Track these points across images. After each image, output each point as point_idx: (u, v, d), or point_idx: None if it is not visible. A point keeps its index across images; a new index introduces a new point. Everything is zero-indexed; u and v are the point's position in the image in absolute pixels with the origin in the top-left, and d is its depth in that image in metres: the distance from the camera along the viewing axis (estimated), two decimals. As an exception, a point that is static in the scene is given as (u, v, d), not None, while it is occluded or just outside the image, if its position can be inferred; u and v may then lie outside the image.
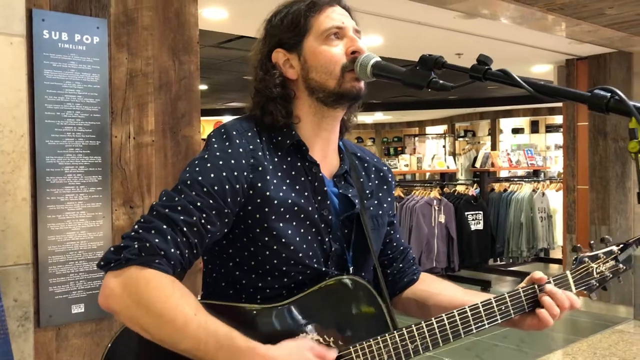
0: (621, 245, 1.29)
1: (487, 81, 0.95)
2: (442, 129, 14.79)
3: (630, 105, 0.75)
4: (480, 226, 6.47)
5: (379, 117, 15.15)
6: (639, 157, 0.74)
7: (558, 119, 11.46)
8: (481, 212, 6.50)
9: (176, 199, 1.12)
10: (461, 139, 14.35)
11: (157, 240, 1.06)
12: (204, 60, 6.75)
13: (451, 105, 12.38)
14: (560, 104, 7.00)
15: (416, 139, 13.26)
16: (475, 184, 7.27)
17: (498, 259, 7.10)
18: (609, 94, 0.80)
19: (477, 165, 7.73)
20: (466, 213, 6.37)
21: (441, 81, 1.05)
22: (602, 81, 5.86)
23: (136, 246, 1.06)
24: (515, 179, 7.75)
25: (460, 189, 6.88)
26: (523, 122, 13.26)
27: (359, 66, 1.20)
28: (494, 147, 12.77)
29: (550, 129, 12.71)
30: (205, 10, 4.13)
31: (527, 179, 7.60)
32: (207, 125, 12.67)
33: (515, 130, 13.31)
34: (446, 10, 3.95)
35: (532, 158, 7.93)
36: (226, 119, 12.76)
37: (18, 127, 1.58)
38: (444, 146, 13.03)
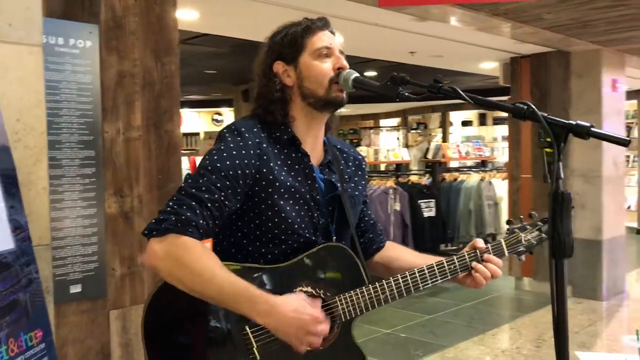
0: (544, 219, 1.64)
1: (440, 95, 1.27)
2: (395, 121, 15.22)
3: (539, 115, 1.09)
4: (432, 213, 6.82)
5: (334, 109, 15.43)
6: (545, 151, 1.07)
7: (505, 112, 11.99)
8: (433, 200, 6.85)
9: (200, 181, 1.40)
10: (413, 131, 14.82)
11: (189, 214, 1.35)
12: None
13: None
14: (506, 98, 7.45)
15: (371, 131, 13.63)
16: (427, 174, 7.64)
17: (449, 243, 7.51)
18: (526, 107, 1.14)
19: (429, 156, 8.12)
20: (419, 201, 6.70)
21: (407, 93, 1.38)
22: (542, 78, 6.28)
23: (173, 219, 1.34)
24: (465, 169, 8.18)
25: (413, 178, 7.24)
26: (472, 115, 13.80)
27: (343, 79, 1.51)
28: (444, 139, 13.28)
29: (497, 121, 13.24)
30: (178, 11, 4.34)
31: (475, 169, 8.04)
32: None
33: (465, 123, 13.86)
34: (401, 13, 4.27)
35: (480, 149, 8.38)
36: (185, 111, 12.85)
37: (39, 124, 1.80)
38: (398, 138, 13.44)
